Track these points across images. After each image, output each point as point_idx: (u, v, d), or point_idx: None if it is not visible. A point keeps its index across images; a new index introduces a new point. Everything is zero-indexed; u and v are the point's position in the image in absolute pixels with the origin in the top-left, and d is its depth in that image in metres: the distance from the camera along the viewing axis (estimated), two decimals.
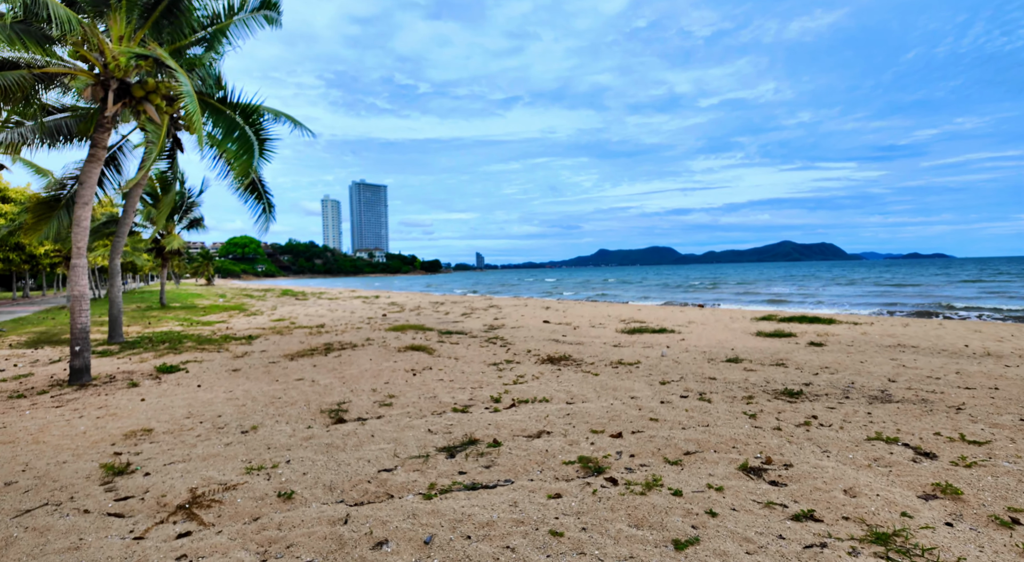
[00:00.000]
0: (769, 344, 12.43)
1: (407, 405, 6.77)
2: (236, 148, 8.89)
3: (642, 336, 14.15)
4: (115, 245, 13.20)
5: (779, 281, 66.48)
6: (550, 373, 8.97)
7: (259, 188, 15.10)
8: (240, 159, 8.87)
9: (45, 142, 11.71)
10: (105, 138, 8.50)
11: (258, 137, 9.28)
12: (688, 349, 11.83)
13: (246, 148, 8.96)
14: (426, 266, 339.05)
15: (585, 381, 8.26)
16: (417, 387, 7.84)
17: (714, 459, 4.75)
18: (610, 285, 69.35)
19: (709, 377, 8.61)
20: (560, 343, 12.87)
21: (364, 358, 10.54)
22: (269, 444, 5.21)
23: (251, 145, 9.02)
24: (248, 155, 8.94)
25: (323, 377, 8.70)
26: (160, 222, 15.24)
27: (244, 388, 7.93)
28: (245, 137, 9.01)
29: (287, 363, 10.13)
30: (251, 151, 8.98)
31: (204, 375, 8.97)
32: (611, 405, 6.67)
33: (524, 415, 6.20)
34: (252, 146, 9.03)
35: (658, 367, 9.57)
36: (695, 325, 16.59)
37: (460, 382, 8.22)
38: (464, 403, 6.85)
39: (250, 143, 9.02)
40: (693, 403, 6.81)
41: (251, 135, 9.08)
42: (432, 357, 10.67)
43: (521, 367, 9.55)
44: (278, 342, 13.38)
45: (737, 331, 15.03)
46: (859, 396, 7.18)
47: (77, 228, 8.28)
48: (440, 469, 4.50)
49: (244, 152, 8.94)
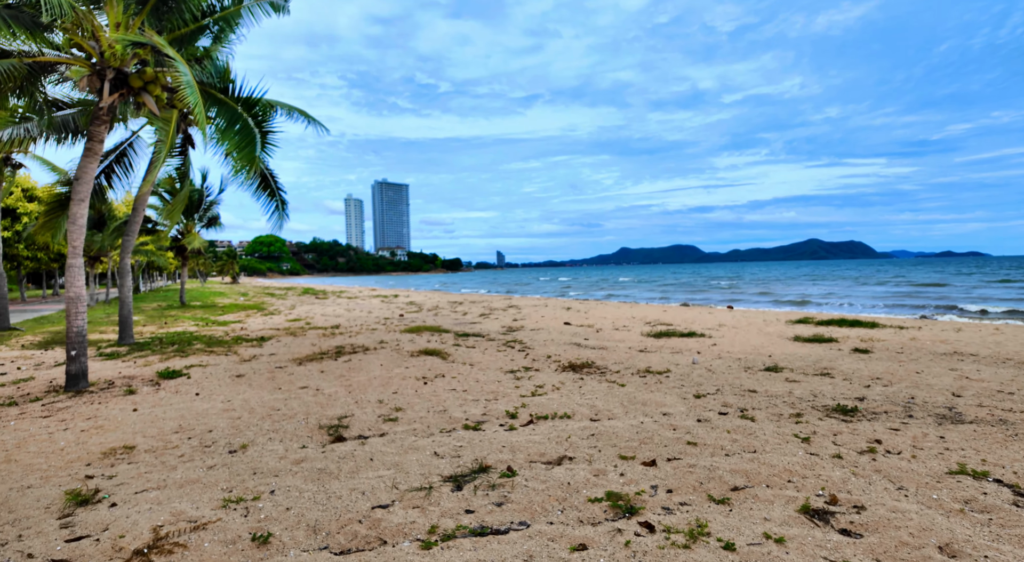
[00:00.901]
0: (809, 350, 11.53)
1: (414, 420, 6.15)
2: (238, 140, 8.38)
3: (670, 340, 13.34)
4: (125, 244, 12.89)
5: (808, 280, 64.45)
6: (572, 383, 8.27)
7: (272, 185, 14.69)
8: (242, 151, 8.37)
9: (52, 137, 11.41)
10: (102, 131, 8.06)
11: (260, 129, 8.76)
12: (721, 355, 11.01)
13: (248, 140, 8.46)
14: (447, 265, 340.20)
15: (610, 393, 7.55)
16: (427, 398, 7.22)
17: (767, 496, 4.01)
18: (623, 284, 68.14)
19: (748, 389, 7.82)
20: (582, 348, 12.15)
21: (375, 363, 9.97)
22: (256, 468, 4.62)
23: (253, 137, 8.51)
24: (250, 147, 8.44)
25: (329, 385, 8.14)
26: (173, 219, 14.93)
27: (244, 397, 7.41)
28: (247, 129, 8.50)
29: (294, 368, 9.61)
30: (253, 143, 8.47)
31: (206, 382, 8.49)
32: (641, 423, 5.95)
33: (543, 435, 5.52)
34: (254, 138, 8.52)
35: (690, 377, 8.80)
36: (726, 328, 15.69)
37: (474, 393, 7.58)
38: (477, 419, 6.20)
39: (252, 135, 8.51)
40: (734, 422, 6.05)
41: (253, 127, 8.56)
42: (446, 363, 10.06)
43: (540, 375, 8.87)
44: (289, 344, 12.92)
45: (772, 335, 14.11)
46: (924, 414, 6.33)
47: (72, 226, 7.85)
48: (444, 506, 3.85)
49: (246, 144, 8.44)
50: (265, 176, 14.65)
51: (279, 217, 14.61)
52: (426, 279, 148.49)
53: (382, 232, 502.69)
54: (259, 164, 14.31)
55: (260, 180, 14.65)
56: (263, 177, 14.66)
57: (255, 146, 8.45)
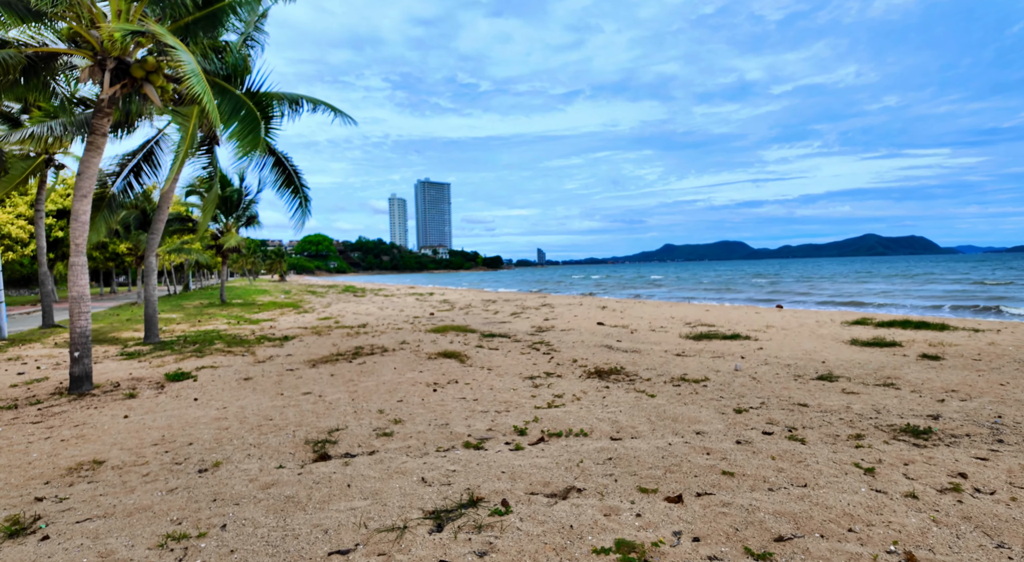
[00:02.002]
0: (869, 356, 10.32)
1: (411, 435, 5.51)
2: (241, 127, 7.96)
3: (711, 343, 12.31)
4: (150, 242, 12.86)
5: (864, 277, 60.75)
6: (595, 392, 7.48)
7: (295, 181, 14.42)
8: (245, 137, 7.95)
9: (76, 136, 11.39)
10: (104, 124, 7.79)
11: (264, 115, 8.30)
12: (768, 361, 9.96)
13: (252, 126, 8.04)
14: (487, 262, 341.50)
15: (637, 405, 6.72)
16: (432, 408, 6.58)
17: (821, 552, 3.16)
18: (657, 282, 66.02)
19: (798, 403, 6.84)
20: (613, 351, 11.30)
21: (388, 367, 9.44)
22: (218, 493, 4.08)
23: (257, 123, 8.08)
24: (254, 132, 8.01)
25: (333, 391, 7.63)
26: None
27: (241, 404, 6.97)
28: (252, 115, 8.07)
29: (305, 371, 9.18)
30: (257, 128, 8.04)
31: (210, 385, 8.13)
32: (669, 445, 5.13)
33: (552, 457, 4.79)
34: (258, 124, 8.08)
35: (731, 386, 7.86)
36: (774, 330, 14.47)
37: (484, 402, 6.89)
38: (481, 435, 5.51)
39: (256, 121, 8.08)
40: (781, 445, 5.15)
41: (257, 113, 8.12)
42: (463, 366, 9.42)
43: (562, 383, 8.11)
44: (310, 344, 12.59)
45: (826, 338, 12.86)
46: (1019, 440, 5.25)
47: (75, 223, 7.61)
48: (415, 553, 3.18)
49: (250, 130, 8.01)
50: (289, 173, 14.40)
51: (302, 213, 14.33)
52: (466, 277, 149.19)
53: (425, 230, 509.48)
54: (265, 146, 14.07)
55: (284, 177, 14.42)
56: (287, 174, 14.42)
57: (259, 131, 8.01)
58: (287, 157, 14.15)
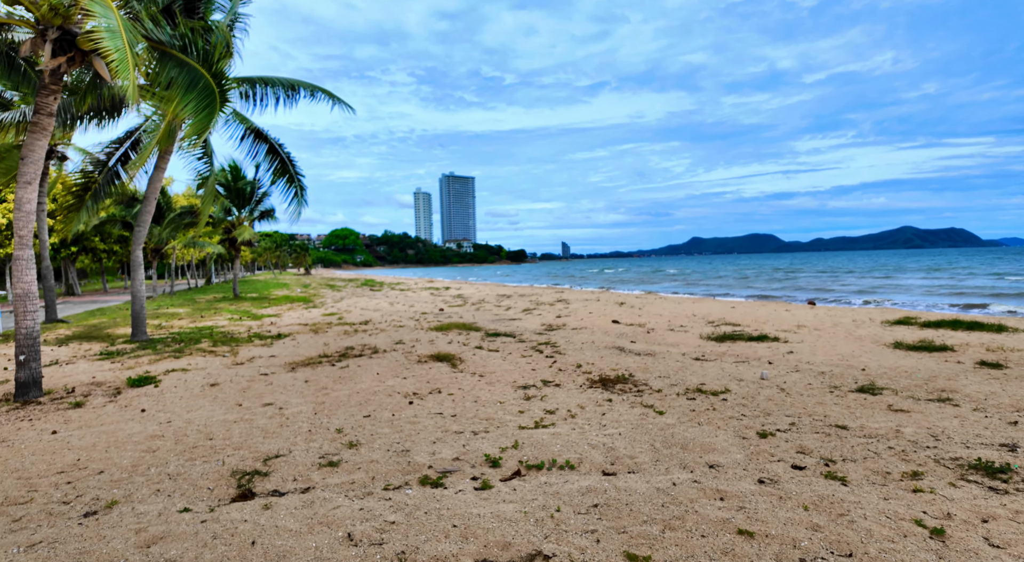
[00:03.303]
0: (916, 363, 9.05)
1: (361, 465, 4.59)
2: (195, 104, 7.10)
3: (734, 345, 11.14)
4: (136, 235, 12.24)
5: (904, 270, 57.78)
6: (594, 406, 6.47)
7: (290, 170, 13.66)
8: (200, 114, 7.09)
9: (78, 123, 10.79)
10: (49, 102, 7.03)
11: (220, 89, 7.42)
12: (799, 368, 8.79)
13: (207, 102, 7.16)
14: (511, 256, 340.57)
15: (641, 425, 5.69)
16: (400, 427, 5.66)
17: None
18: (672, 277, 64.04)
19: (836, 424, 5.72)
20: (624, 353, 10.23)
21: (371, 372, 8.57)
22: (84, 552, 3.21)
23: (212, 100, 7.21)
24: (209, 109, 7.15)
25: (298, 402, 6.77)
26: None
27: (190, 417, 6.16)
28: (208, 91, 7.20)
29: (280, 376, 8.37)
30: (212, 105, 7.17)
31: (170, 393, 7.37)
32: (673, 485, 4.11)
33: (523, 502, 3.81)
34: (213, 101, 7.21)
35: (755, 400, 6.76)
36: (806, 331, 13.18)
37: (463, 419, 5.94)
38: (444, 466, 4.56)
39: (212, 97, 7.21)
40: (816, 487, 4.08)
41: (215, 88, 7.24)
42: (453, 372, 8.50)
43: (558, 394, 7.11)
44: (301, 344, 11.83)
45: (865, 340, 11.55)
46: None
47: (19, 213, 6.89)
48: None
49: (205, 106, 7.15)
50: (283, 161, 13.65)
51: (297, 203, 13.58)
52: (489, 270, 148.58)
53: (449, 224, 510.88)
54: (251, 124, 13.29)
55: (278, 165, 13.68)
56: (281, 161, 13.67)
57: (214, 108, 7.15)
58: (281, 144, 13.40)
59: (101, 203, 12.39)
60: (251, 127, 13.08)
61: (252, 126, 13.06)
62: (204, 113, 7.08)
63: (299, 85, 13.75)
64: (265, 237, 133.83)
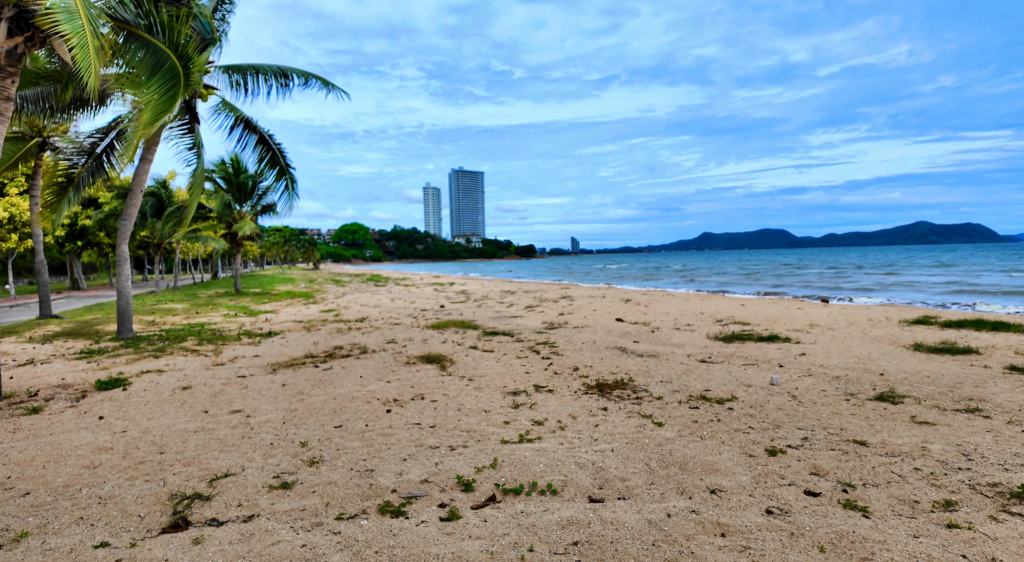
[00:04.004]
0: (939, 366, 8.42)
1: (316, 488, 4.10)
2: (158, 87, 6.61)
3: (743, 346, 10.54)
4: (121, 230, 11.86)
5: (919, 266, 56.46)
6: (587, 416, 5.93)
7: (280, 161, 13.20)
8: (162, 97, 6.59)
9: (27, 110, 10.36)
10: (7, 86, 6.56)
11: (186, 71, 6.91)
12: (812, 371, 8.20)
13: (170, 85, 6.67)
14: (520, 251, 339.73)
15: (637, 440, 5.15)
16: (370, 441, 5.16)
17: None
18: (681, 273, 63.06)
19: (854, 440, 5.15)
20: (626, 355, 9.68)
21: (355, 375, 8.09)
22: None
23: (176, 82, 6.70)
24: (172, 91, 6.65)
25: (269, 408, 6.31)
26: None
27: (148, 425, 5.71)
28: (173, 73, 6.70)
29: (257, 379, 7.92)
30: (175, 87, 6.67)
31: (136, 397, 6.94)
32: (667, 518, 3.57)
33: (491, 538, 3.30)
34: (177, 83, 6.71)
35: (764, 409, 6.20)
36: (819, 331, 12.53)
37: (442, 431, 5.43)
38: (410, 490, 4.05)
39: (176, 79, 6.70)
40: (833, 519, 3.53)
41: (179, 69, 6.73)
42: (441, 375, 8.00)
43: (550, 402, 6.58)
44: (290, 342, 11.40)
45: (882, 341, 10.90)
46: None
47: None
48: None
49: (168, 88, 6.65)
50: (273, 152, 13.19)
51: (288, 195, 13.14)
52: (497, 265, 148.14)
53: (458, 219, 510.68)
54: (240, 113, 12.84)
55: (268, 156, 13.23)
56: (271, 153, 13.21)
57: (177, 90, 6.66)
58: (271, 135, 12.94)
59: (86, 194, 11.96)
60: (241, 117, 12.64)
61: (242, 116, 12.62)
62: (167, 96, 6.59)
63: (291, 72, 13.28)
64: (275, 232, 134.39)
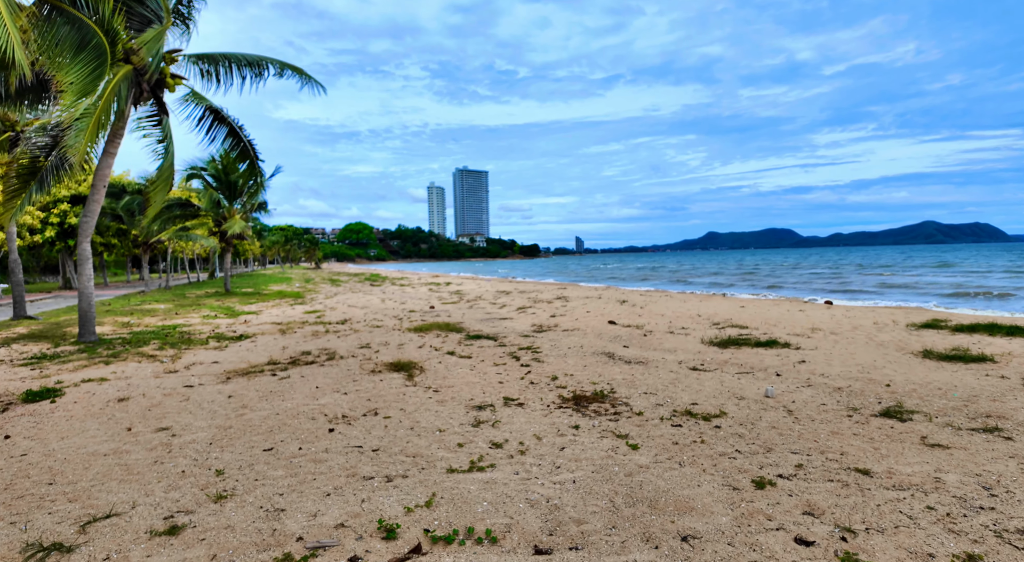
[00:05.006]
0: (950, 376, 7.71)
1: (207, 535, 3.44)
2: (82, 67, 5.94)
3: (739, 352, 9.84)
4: (82, 227, 11.22)
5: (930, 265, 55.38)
6: (555, 436, 5.26)
7: (251, 153, 12.57)
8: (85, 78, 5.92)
9: None
10: None
11: (112, 48, 6.22)
12: (811, 381, 7.50)
13: (97, 63, 5.98)
14: (524, 251, 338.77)
15: (605, 468, 4.47)
16: (296, 469, 4.49)
17: None
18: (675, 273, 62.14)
19: (856, 468, 4.45)
20: (612, 362, 9.00)
21: (311, 385, 7.44)
22: None
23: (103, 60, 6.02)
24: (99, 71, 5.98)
25: (202, 425, 5.66)
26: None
27: (53, 447, 5.07)
28: (100, 50, 6.03)
29: (205, 389, 7.28)
30: (103, 67, 6.00)
31: (63, 410, 6.31)
32: None
33: None
34: (104, 61, 6.03)
35: (755, 428, 5.51)
36: (821, 335, 11.81)
37: (384, 456, 4.76)
38: (318, 540, 3.38)
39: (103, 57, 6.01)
40: None
41: (106, 46, 6.05)
42: (405, 386, 7.34)
43: (518, 418, 5.91)
44: (259, 346, 10.77)
45: (888, 347, 10.17)
46: None
47: None
48: None
49: (94, 69, 5.99)
50: (244, 145, 12.57)
51: (257, 190, 12.55)
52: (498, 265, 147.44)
53: (462, 219, 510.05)
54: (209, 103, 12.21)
55: (239, 149, 12.61)
56: (242, 146, 12.58)
57: (103, 70, 6.00)
58: (241, 127, 12.31)
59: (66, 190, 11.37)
60: (210, 107, 12.01)
61: (211, 106, 11.99)
62: (92, 76, 5.94)
63: (267, 62, 12.66)
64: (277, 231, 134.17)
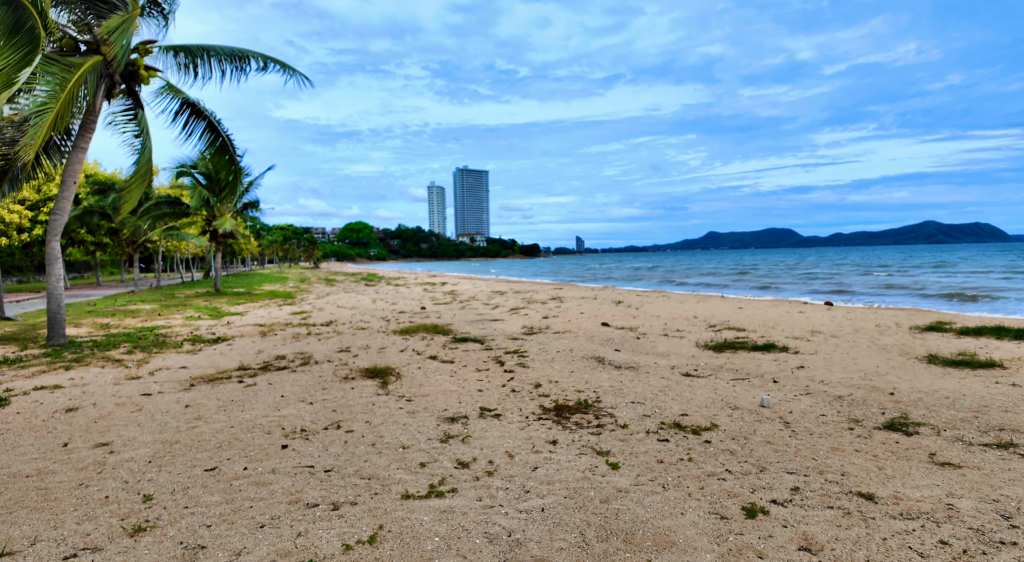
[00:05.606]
0: (958, 384, 7.25)
1: None
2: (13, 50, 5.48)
3: (735, 357, 9.38)
4: (51, 225, 10.77)
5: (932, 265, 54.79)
6: (529, 454, 4.80)
7: (229, 150, 12.12)
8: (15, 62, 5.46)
9: None
10: None
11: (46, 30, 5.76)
12: (810, 389, 7.05)
13: (28, 46, 5.51)
14: (524, 250, 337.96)
15: (580, 491, 4.01)
16: (234, 494, 4.03)
17: None
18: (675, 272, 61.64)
19: (858, 491, 4.00)
20: (601, 367, 8.55)
21: (277, 393, 6.99)
22: None
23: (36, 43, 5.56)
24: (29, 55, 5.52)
25: (147, 439, 5.20)
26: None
27: None
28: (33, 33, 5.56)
29: (164, 397, 6.83)
30: (34, 50, 5.54)
31: (2, 422, 5.86)
32: None
33: None
34: (37, 45, 5.57)
35: (748, 443, 5.06)
36: (821, 338, 11.34)
37: (335, 478, 4.30)
38: None
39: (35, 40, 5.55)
40: None
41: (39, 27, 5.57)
42: (377, 394, 6.89)
43: (493, 430, 5.45)
44: (235, 350, 10.32)
45: (892, 351, 9.71)
46: None
47: None
48: None
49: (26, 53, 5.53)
50: (223, 140, 12.11)
51: (235, 188, 12.05)
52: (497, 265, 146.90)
53: (463, 218, 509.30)
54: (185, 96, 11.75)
55: (218, 144, 12.16)
56: (220, 140, 12.13)
57: (34, 53, 5.54)
58: (219, 121, 11.85)
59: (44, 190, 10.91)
60: (187, 100, 11.56)
61: (187, 99, 11.54)
62: (21, 60, 5.48)
63: (248, 55, 12.21)
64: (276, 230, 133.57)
